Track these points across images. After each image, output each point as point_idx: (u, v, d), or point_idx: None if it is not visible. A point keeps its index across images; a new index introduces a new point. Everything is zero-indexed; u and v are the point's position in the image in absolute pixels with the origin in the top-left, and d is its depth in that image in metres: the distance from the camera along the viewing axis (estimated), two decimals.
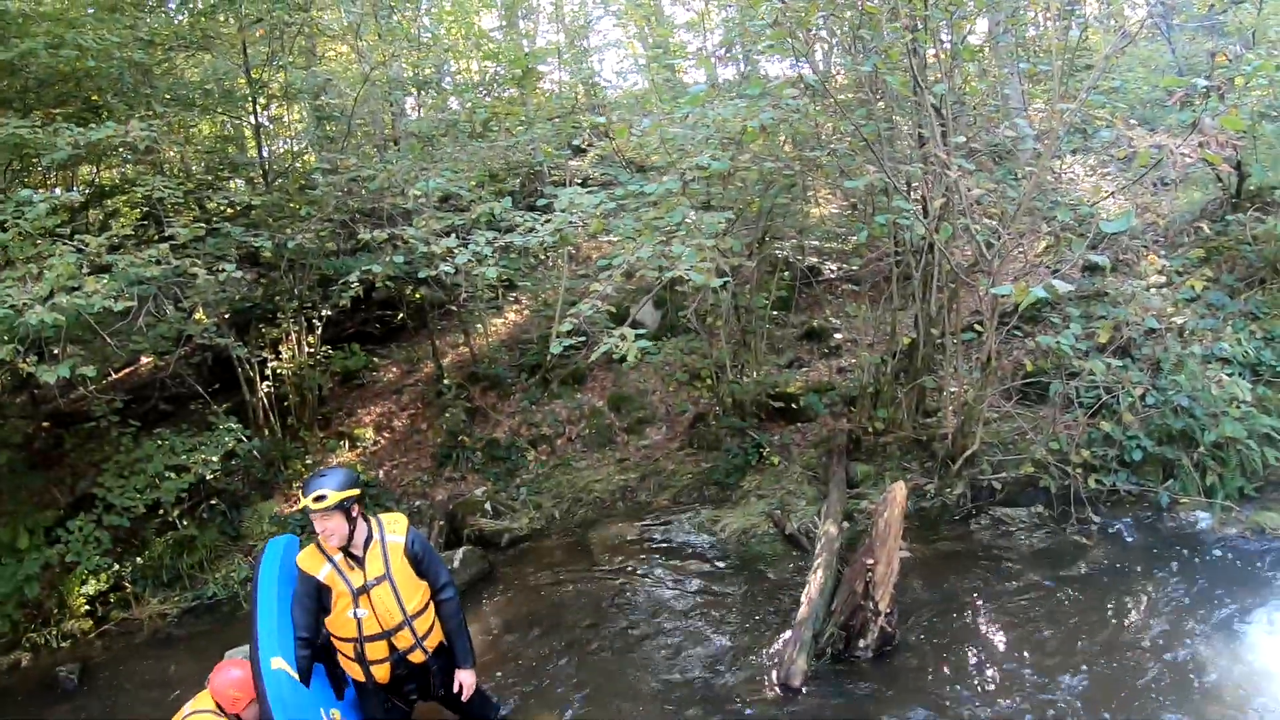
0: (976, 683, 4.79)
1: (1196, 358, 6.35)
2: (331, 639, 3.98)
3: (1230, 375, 6.28)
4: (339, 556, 3.84)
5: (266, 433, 8.83)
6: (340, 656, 4.02)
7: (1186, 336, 6.57)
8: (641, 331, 5.41)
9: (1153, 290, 6.41)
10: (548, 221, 6.05)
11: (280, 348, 9.22)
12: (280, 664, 3.68)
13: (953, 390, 6.81)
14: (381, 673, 3.96)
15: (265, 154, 9.78)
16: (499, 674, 5.47)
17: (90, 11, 7.82)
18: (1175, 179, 6.81)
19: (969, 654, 5.04)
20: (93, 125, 6.69)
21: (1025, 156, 7.17)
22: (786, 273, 9.14)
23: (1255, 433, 6.14)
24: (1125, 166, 7.82)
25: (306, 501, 3.71)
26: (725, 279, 5.99)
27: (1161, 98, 7.84)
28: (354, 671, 4.01)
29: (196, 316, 8.20)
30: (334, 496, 3.72)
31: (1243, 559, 5.61)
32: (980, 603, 5.56)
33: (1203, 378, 6.27)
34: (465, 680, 4.08)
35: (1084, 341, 6.56)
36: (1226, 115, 5.51)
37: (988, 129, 6.93)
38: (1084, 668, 4.72)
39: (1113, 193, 7.35)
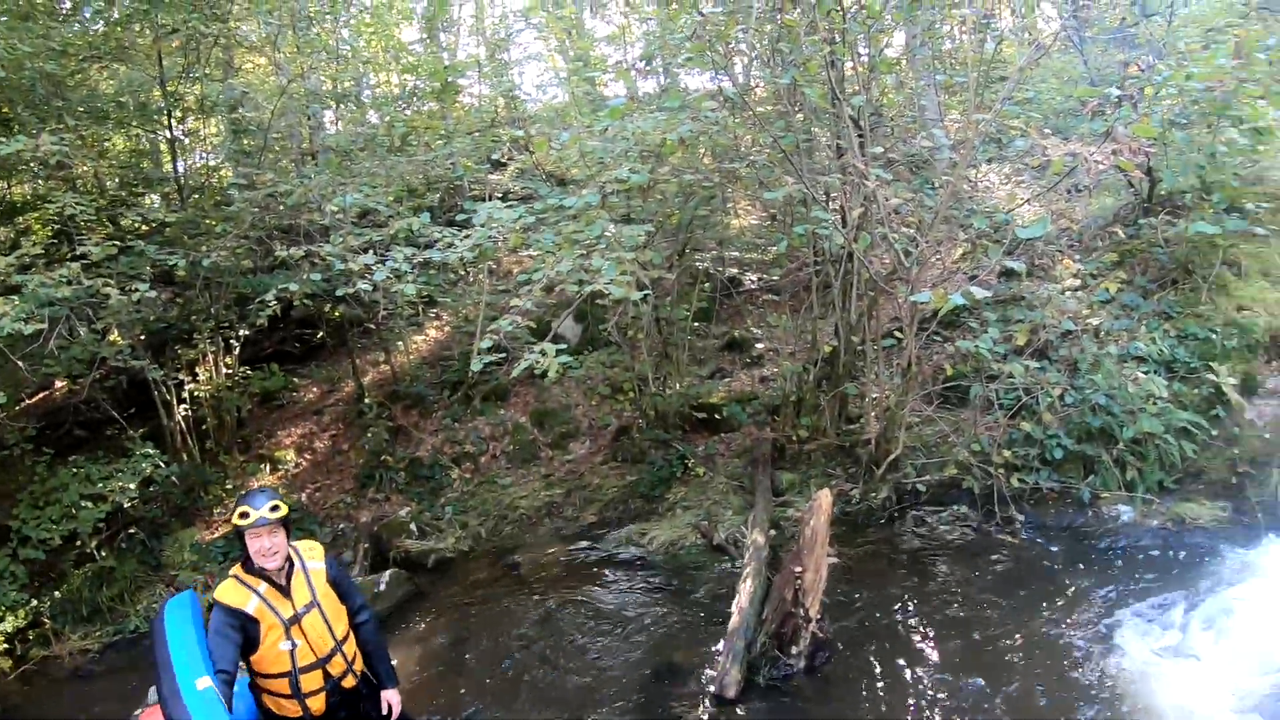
0: (908, 686, 4.81)
1: (1113, 357, 6.50)
2: (259, 680, 3.82)
3: (1146, 373, 6.42)
4: (264, 587, 3.68)
5: (185, 457, 8.57)
6: (269, 699, 3.85)
7: (1102, 337, 6.72)
8: (562, 346, 5.38)
9: (1068, 293, 6.56)
10: (467, 237, 5.97)
11: (197, 369, 8.98)
12: (208, 682, 3.36)
13: (875, 396, 6.89)
14: (318, 704, 3.82)
15: (181, 169, 9.53)
16: (430, 697, 5.36)
17: (1, 20, 7.55)
18: (1089, 186, 6.94)
19: (900, 657, 5.07)
20: (2, 139, 6.49)
21: (942, 166, 7.26)
22: (707, 284, 9.17)
23: (1172, 427, 6.29)
24: (1040, 174, 7.99)
25: (262, 511, 3.54)
26: (645, 292, 6.00)
27: (1075, 107, 8.02)
28: (288, 709, 3.83)
29: (110, 338, 7.99)
30: (284, 507, 3.62)
31: (1164, 550, 5.75)
32: (909, 605, 5.60)
33: (1119, 376, 6.41)
34: (392, 700, 3.99)
35: (1002, 345, 6.69)
36: (1138, 124, 5.68)
37: (905, 139, 7.05)
38: (1011, 667, 4.78)
39: (1028, 200, 7.50)
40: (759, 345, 9.38)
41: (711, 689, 4.89)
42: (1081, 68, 9.19)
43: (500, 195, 8.02)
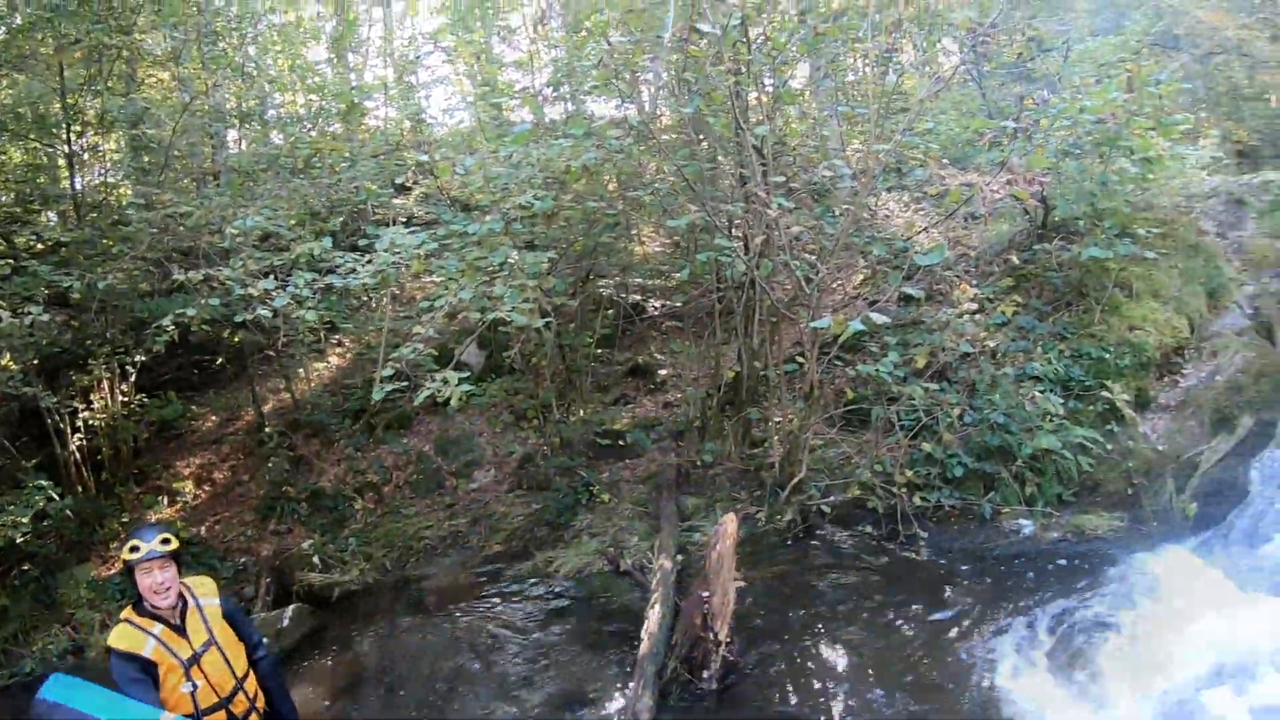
0: (817, 703, 4.89)
1: (1010, 377, 6.73)
2: None
3: (1042, 392, 6.66)
4: (159, 628, 3.52)
5: (80, 489, 8.23)
6: None
7: (999, 358, 6.95)
8: (465, 374, 5.35)
9: (966, 317, 6.76)
10: (369, 262, 5.90)
11: (92, 396, 8.64)
12: (171, 716, 3.24)
13: (778, 420, 6.98)
14: None
15: (78, 185, 9.17)
16: None
17: None
18: (985, 213, 7.20)
19: (810, 677, 5.13)
20: None
21: (843, 194, 7.42)
22: (610, 311, 9.20)
23: (1069, 443, 6.51)
24: (938, 203, 8.22)
25: (152, 545, 3.41)
26: (549, 319, 6.00)
27: (972, 139, 8.24)
28: None
29: (2, 363, 7.60)
30: (175, 540, 3.49)
31: (1066, 560, 5.92)
32: (817, 624, 5.67)
33: (1017, 396, 6.63)
34: None
35: (902, 368, 6.87)
36: (1033, 154, 5.92)
37: (807, 169, 7.17)
38: (914, 682, 4.89)
39: (926, 227, 7.70)
40: (663, 371, 9.41)
41: (624, 716, 4.87)
42: (979, 100, 9.49)
43: (404, 220, 7.95)
